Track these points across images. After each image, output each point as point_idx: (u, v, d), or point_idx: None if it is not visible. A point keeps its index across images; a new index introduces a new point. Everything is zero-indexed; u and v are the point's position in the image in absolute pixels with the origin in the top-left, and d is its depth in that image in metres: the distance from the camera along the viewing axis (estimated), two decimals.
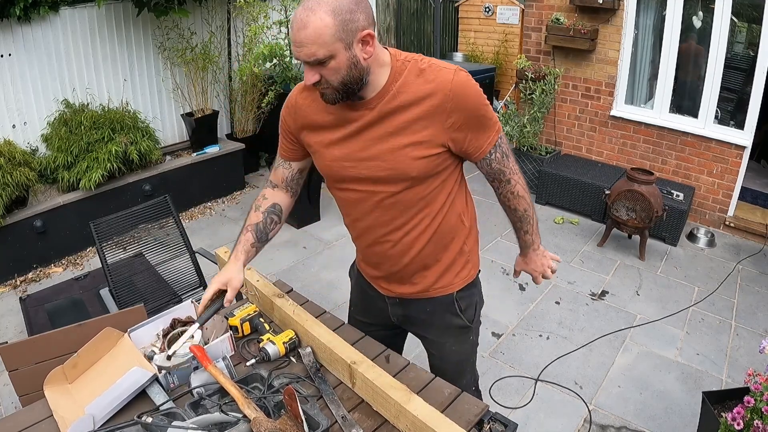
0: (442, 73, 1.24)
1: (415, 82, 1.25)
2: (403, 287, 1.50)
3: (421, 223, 1.38)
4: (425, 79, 1.24)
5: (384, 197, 1.34)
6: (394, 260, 1.45)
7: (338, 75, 1.18)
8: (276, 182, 1.59)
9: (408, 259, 1.43)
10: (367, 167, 1.31)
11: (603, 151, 4.72)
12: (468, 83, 1.26)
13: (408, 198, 1.34)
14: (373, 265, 1.53)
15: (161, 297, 2.55)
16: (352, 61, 1.17)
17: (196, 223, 4.39)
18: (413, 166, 1.28)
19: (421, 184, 1.32)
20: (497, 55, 6.65)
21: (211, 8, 4.66)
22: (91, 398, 1.25)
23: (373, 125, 1.28)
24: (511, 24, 6.55)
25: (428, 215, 1.37)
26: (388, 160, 1.28)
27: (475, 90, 1.27)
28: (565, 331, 3.04)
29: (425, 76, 1.25)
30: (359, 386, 1.31)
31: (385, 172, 1.30)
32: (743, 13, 4.04)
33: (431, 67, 1.25)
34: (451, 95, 1.23)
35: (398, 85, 1.25)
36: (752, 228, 4.04)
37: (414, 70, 1.25)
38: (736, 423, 1.74)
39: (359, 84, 1.22)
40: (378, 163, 1.30)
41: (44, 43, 3.84)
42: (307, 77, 1.21)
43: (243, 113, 5.04)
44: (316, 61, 1.16)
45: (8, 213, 3.44)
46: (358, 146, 1.30)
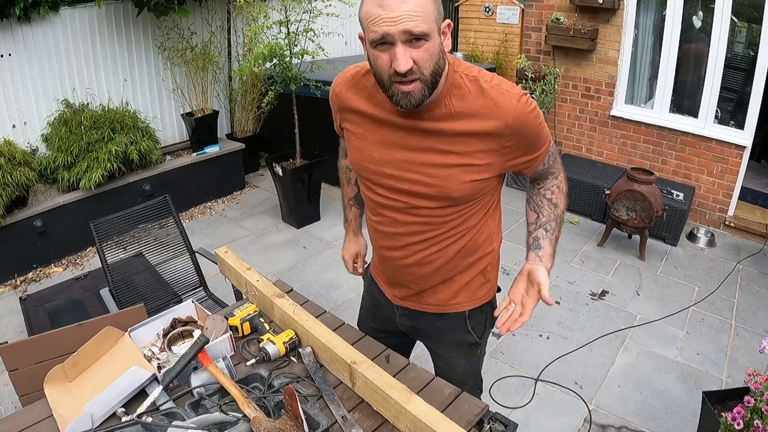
0: (505, 98, 1.16)
1: (475, 101, 1.16)
2: (414, 300, 1.46)
3: (449, 239, 1.32)
4: (486, 100, 1.16)
5: (418, 210, 1.28)
6: (411, 270, 1.39)
7: (431, 61, 1.08)
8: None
9: (426, 272, 1.38)
10: (409, 180, 1.24)
11: (603, 151, 4.72)
12: (530, 113, 1.19)
13: (443, 214, 1.28)
14: (388, 271, 1.48)
15: (161, 297, 2.55)
16: (440, 49, 1.09)
17: (196, 223, 4.39)
18: (458, 189, 1.22)
19: (461, 205, 1.27)
20: (497, 55, 6.64)
21: (211, 8, 4.66)
22: (90, 397, 1.25)
23: (422, 137, 1.20)
24: (511, 24, 6.55)
25: (459, 232, 1.32)
26: (433, 177, 1.21)
27: (535, 116, 1.21)
28: (565, 331, 3.04)
29: (486, 96, 1.16)
30: (359, 386, 1.31)
31: (428, 189, 1.23)
32: (743, 13, 4.04)
33: (494, 89, 1.17)
34: (511, 124, 1.17)
35: (454, 99, 1.17)
36: (752, 228, 4.04)
37: (474, 87, 1.17)
38: (736, 423, 1.74)
39: (439, 79, 1.12)
40: (421, 178, 1.22)
41: (44, 43, 3.84)
42: (401, 59, 1.05)
43: (243, 113, 5.04)
44: (414, 37, 1.04)
45: (8, 213, 3.44)
46: (402, 156, 1.23)
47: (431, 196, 1.24)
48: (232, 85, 5.03)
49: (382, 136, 1.25)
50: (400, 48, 1.05)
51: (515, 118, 1.16)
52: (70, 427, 1.18)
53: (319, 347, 1.42)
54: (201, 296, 2.64)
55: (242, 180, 4.98)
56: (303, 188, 4.15)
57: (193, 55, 4.52)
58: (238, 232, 4.22)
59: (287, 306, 1.55)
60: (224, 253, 1.82)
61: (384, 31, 1.04)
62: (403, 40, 1.04)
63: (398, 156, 1.24)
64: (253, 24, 4.35)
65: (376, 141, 1.26)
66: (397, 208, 1.31)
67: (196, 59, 4.53)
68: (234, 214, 4.52)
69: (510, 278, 3.53)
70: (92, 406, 1.22)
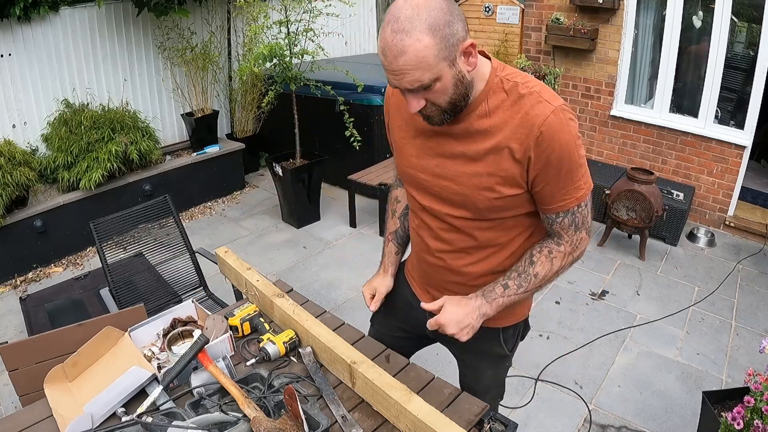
0: (540, 107, 1.09)
1: (510, 108, 1.11)
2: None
3: (481, 252, 1.29)
4: (520, 108, 1.10)
5: (448, 218, 1.27)
6: (442, 277, 1.38)
7: (445, 96, 1.07)
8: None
9: (457, 281, 1.35)
10: (440, 185, 1.23)
11: (603, 151, 4.71)
12: (562, 127, 1.09)
13: (473, 226, 1.25)
14: (422, 273, 1.46)
15: (161, 297, 2.55)
16: (457, 78, 1.05)
17: (196, 222, 4.39)
18: (482, 200, 1.18)
19: (491, 218, 1.23)
20: (497, 55, 6.64)
21: (211, 8, 4.66)
22: (90, 397, 1.25)
23: (454, 141, 1.18)
24: (511, 24, 6.54)
25: (492, 247, 1.28)
26: (461, 184, 1.19)
27: (568, 137, 1.11)
28: (565, 331, 3.04)
29: (522, 104, 1.10)
30: (359, 386, 1.31)
31: (456, 196, 1.21)
32: (743, 13, 4.04)
33: (531, 96, 1.10)
34: (537, 133, 1.09)
35: (491, 105, 1.13)
36: (752, 228, 4.04)
37: (513, 94, 1.12)
38: (736, 423, 1.74)
39: (465, 100, 1.11)
40: (450, 184, 1.21)
41: (44, 43, 3.84)
42: (412, 105, 1.08)
43: (243, 113, 5.04)
44: (421, 88, 1.04)
45: (8, 213, 3.44)
46: (435, 162, 1.22)
47: (458, 204, 1.23)
48: (232, 85, 5.04)
49: (420, 142, 1.25)
50: (407, 93, 1.07)
51: (545, 126, 1.08)
52: (70, 427, 1.18)
53: (319, 347, 1.42)
54: (201, 296, 2.64)
55: (242, 180, 4.98)
56: (303, 188, 4.15)
57: (193, 55, 4.52)
58: (238, 232, 4.22)
59: (287, 306, 1.55)
60: (224, 253, 1.82)
61: (390, 82, 1.07)
62: (409, 89, 1.06)
63: (432, 162, 1.23)
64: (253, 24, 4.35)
65: (415, 146, 1.27)
66: (431, 214, 1.31)
67: (196, 59, 4.53)
68: (234, 214, 4.52)
69: None
70: (92, 406, 1.22)
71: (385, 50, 1.01)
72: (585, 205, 1.20)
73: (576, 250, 1.25)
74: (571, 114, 1.13)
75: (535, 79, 1.15)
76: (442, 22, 0.98)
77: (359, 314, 2.33)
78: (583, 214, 1.21)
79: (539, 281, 1.25)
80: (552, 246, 1.24)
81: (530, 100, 1.10)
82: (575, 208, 1.19)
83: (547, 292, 3.39)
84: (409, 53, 0.99)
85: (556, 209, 1.19)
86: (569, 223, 1.21)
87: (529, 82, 1.13)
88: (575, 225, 1.21)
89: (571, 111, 1.14)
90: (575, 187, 1.17)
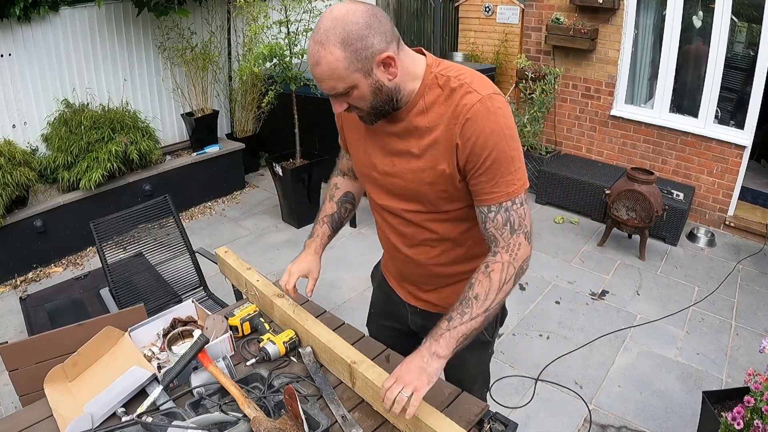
0: (468, 97, 1.12)
1: (444, 102, 1.15)
2: (424, 300, 1.47)
3: (445, 244, 1.32)
4: (452, 101, 1.14)
5: (405, 212, 1.30)
6: (411, 269, 1.42)
7: (365, 102, 1.13)
8: (344, 170, 1.58)
9: (425, 273, 1.40)
10: (391, 183, 1.28)
11: (603, 151, 4.72)
12: (488, 114, 1.11)
13: (430, 219, 1.28)
14: (395, 271, 1.52)
15: (161, 297, 2.55)
16: (375, 87, 1.11)
17: (196, 222, 4.39)
18: (429, 192, 1.22)
19: (446, 210, 1.26)
20: (497, 55, 6.64)
21: (211, 8, 4.66)
22: (90, 397, 1.25)
23: (398, 139, 1.23)
24: (511, 24, 6.54)
25: (454, 239, 1.31)
26: (408, 180, 1.24)
27: (494, 125, 1.12)
28: (565, 331, 3.04)
29: (453, 96, 1.14)
30: (359, 386, 1.31)
31: (407, 191, 1.26)
32: (743, 13, 4.04)
33: (462, 87, 1.14)
34: (463, 120, 1.12)
35: (427, 101, 1.17)
36: (752, 228, 4.04)
37: (446, 88, 1.15)
38: (736, 423, 1.74)
39: (390, 105, 1.16)
40: (399, 181, 1.26)
41: (44, 43, 3.84)
42: (335, 107, 1.16)
43: (243, 113, 5.04)
44: (338, 94, 1.12)
45: (8, 213, 3.44)
46: (384, 160, 1.27)
47: (410, 198, 1.27)
48: (232, 85, 5.04)
49: (370, 141, 1.29)
50: (331, 98, 1.14)
51: (469, 116, 1.11)
52: (70, 427, 1.18)
53: (319, 347, 1.42)
54: (201, 296, 2.64)
55: (242, 180, 4.98)
56: (303, 188, 4.15)
57: (193, 55, 4.52)
58: (238, 232, 4.22)
59: (287, 306, 1.55)
60: (224, 253, 1.82)
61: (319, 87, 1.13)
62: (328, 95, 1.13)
63: (382, 160, 1.27)
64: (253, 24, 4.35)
65: (366, 146, 1.31)
66: (388, 211, 1.35)
67: (196, 59, 4.53)
68: (234, 214, 4.52)
69: None
70: (92, 406, 1.22)
71: (309, 58, 1.09)
72: (520, 204, 1.17)
73: (515, 258, 1.17)
74: (501, 103, 1.14)
75: (468, 70, 1.18)
76: (356, 36, 1.04)
77: (359, 314, 2.33)
78: (519, 214, 1.17)
79: (483, 302, 1.15)
80: (489, 259, 1.19)
81: (460, 91, 1.14)
82: (508, 204, 1.16)
83: (547, 292, 3.39)
84: (322, 64, 1.06)
85: (486, 200, 1.17)
86: (503, 222, 1.17)
87: (462, 74, 1.16)
88: (510, 225, 1.17)
89: (501, 100, 1.15)
90: (506, 180, 1.15)
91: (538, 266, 3.68)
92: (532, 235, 1.20)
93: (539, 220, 4.32)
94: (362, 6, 1.07)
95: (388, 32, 1.08)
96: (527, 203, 1.19)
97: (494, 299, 1.16)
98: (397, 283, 1.53)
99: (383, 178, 1.29)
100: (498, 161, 1.13)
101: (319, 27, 1.06)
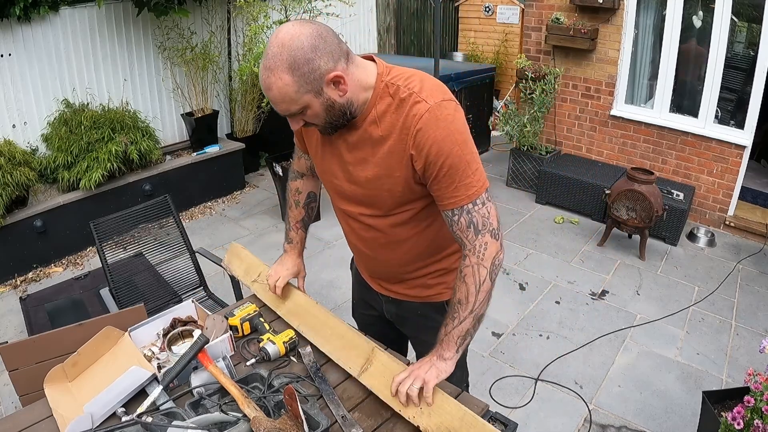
0: (417, 107, 1.14)
1: (395, 112, 1.17)
2: (393, 291, 1.52)
3: (407, 244, 1.36)
4: (402, 110, 1.16)
5: (365, 217, 1.35)
6: (380, 269, 1.50)
7: (319, 118, 1.17)
8: (302, 171, 1.63)
9: (393, 272, 1.46)
10: (350, 190, 1.32)
11: (603, 151, 4.72)
12: (438, 123, 1.13)
13: (389, 222, 1.32)
14: (363, 268, 1.59)
15: (161, 297, 2.55)
16: (327, 104, 1.14)
17: (196, 222, 4.39)
18: (386, 197, 1.26)
19: (405, 209, 1.29)
20: (497, 55, 6.65)
21: (211, 8, 4.66)
22: (90, 397, 1.25)
23: (355, 149, 1.25)
24: (511, 23, 6.55)
25: (415, 238, 1.35)
26: (366, 187, 1.27)
27: (444, 133, 1.13)
28: (565, 331, 3.04)
29: (403, 107, 1.16)
30: (372, 371, 1.32)
31: (365, 197, 1.30)
32: (743, 13, 4.04)
33: (411, 96, 1.16)
34: (414, 132, 1.14)
35: (379, 111, 1.19)
36: (752, 228, 4.04)
37: (396, 98, 1.17)
38: (736, 423, 1.74)
39: (344, 118, 1.19)
40: (357, 188, 1.30)
41: (44, 43, 3.84)
42: (292, 125, 1.21)
43: (243, 113, 5.04)
44: (292, 114, 1.16)
45: (8, 213, 3.44)
46: (343, 168, 1.30)
47: (368, 204, 1.31)
48: (232, 85, 5.04)
49: (329, 149, 1.32)
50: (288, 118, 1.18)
51: (420, 126, 1.13)
52: (70, 427, 1.18)
53: (335, 335, 1.45)
54: (201, 296, 2.64)
55: (242, 180, 4.98)
56: None
57: (193, 55, 4.52)
58: (238, 231, 4.22)
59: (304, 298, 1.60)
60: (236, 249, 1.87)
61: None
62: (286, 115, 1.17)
63: (342, 168, 1.31)
64: (253, 24, 4.36)
65: (326, 154, 1.33)
66: (350, 216, 1.39)
67: (196, 59, 4.53)
68: (234, 214, 4.52)
69: (509, 278, 3.56)
70: (92, 406, 1.22)
71: (261, 83, 1.12)
72: (482, 204, 1.19)
73: (483, 258, 1.19)
74: (450, 110, 1.15)
75: (417, 76, 1.19)
76: (302, 60, 1.06)
77: None
78: (482, 214, 1.19)
79: (466, 306, 1.21)
80: (461, 264, 1.23)
81: (410, 101, 1.16)
82: (470, 206, 1.19)
83: (547, 292, 3.39)
84: (273, 89, 1.09)
85: (449, 205, 1.20)
86: (467, 224, 1.19)
87: (411, 83, 1.17)
88: (474, 226, 1.19)
89: (451, 106, 1.16)
90: (465, 184, 1.17)
91: (539, 266, 3.69)
92: (499, 230, 1.23)
93: (539, 220, 4.33)
94: (307, 28, 1.08)
95: (335, 51, 1.10)
96: (490, 201, 1.21)
97: (475, 300, 1.21)
98: (368, 277, 1.59)
99: (342, 185, 1.33)
100: (454, 167, 1.15)
101: (267, 52, 1.08)
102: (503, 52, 6.62)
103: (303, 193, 1.64)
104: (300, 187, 1.64)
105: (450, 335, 1.23)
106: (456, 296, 1.23)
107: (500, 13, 6.59)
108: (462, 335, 1.23)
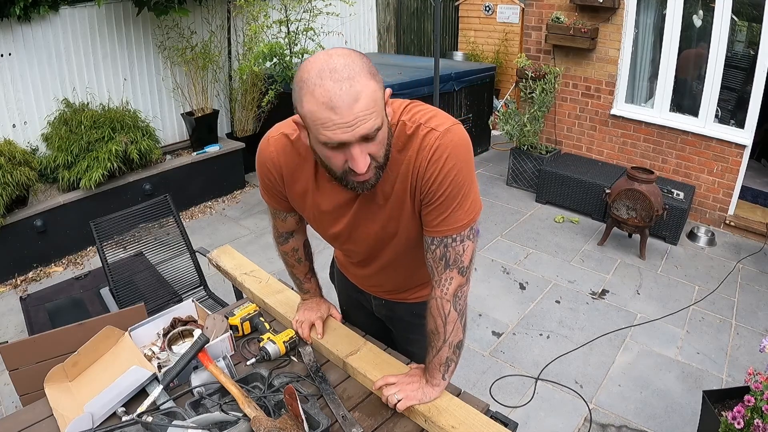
0: (427, 139, 1.06)
1: (398, 157, 1.09)
2: (384, 292, 1.51)
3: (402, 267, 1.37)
4: (408, 150, 1.08)
5: (368, 252, 1.34)
6: (373, 283, 1.49)
7: (383, 146, 1.02)
8: (291, 230, 1.46)
9: (393, 286, 1.46)
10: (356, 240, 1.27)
11: (603, 150, 4.71)
12: (448, 151, 1.05)
13: (392, 251, 1.30)
14: (358, 282, 1.55)
15: (162, 296, 2.55)
16: (388, 126, 1.02)
17: (196, 222, 4.39)
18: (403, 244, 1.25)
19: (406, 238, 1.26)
20: (497, 54, 6.65)
21: (211, 7, 4.66)
22: (91, 396, 1.25)
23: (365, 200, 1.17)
24: (511, 23, 6.55)
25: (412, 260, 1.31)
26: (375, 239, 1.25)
27: (455, 162, 1.06)
28: (565, 330, 3.04)
29: (411, 145, 1.08)
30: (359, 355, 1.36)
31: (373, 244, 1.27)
32: (743, 12, 4.03)
33: (419, 130, 1.07)
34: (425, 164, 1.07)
35: (393, 153, 1.09)
36: (752, 227, 4.04)
37: (402, 137, 1.08)
38: (736, 422, 1.74)
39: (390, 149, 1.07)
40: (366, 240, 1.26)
41: (44, 43, 3.84)
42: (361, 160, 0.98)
43: (243, 112, 5.04)
44: (370, 136, 0.97)
45: (8, 212, 3.44)
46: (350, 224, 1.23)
47: (375, 245, 1.28)
48: (232, 85, 5.03)
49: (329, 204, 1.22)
50: (356, 149, 0.97)
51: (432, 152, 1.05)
52: (71, 427, 1.18)
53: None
54: (201, 296, 2.64)
55: (242, 179, 4.98)
56: None
57: (193, 55, 4.52)
58: (238, 231, 4.23)
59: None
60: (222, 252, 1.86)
61: (340, 139, 0.95)
62: (360, 141, 0.97)
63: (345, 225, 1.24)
64: (253, 23, 4.35)
65: (327, 210, 1.23)
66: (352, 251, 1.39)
67: (196, 58, 4.52)
68: (234, 214, 4.52)
69: (510, 278, 3.56)
70: (92, 405, 1.22)
71: (334, 102, 0.91)
72: (461, 241, 1.13)
73: (446, 293, 1.16)
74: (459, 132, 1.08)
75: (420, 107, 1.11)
76: (373, 68, 0.96)
77: None
78: (457, 251, 1.13)
79: (439, 335, 1.21)
80: (429, 296, 1.21)
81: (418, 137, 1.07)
82: (448, 240, 1.13)
83: (547, 292, 3.39)
84: (363, 98, 0.92)
85: (431, 233, 1.14)
86: (440, 256, 1.15)
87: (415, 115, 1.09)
88: (446, 261, 1.14)
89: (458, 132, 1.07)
90: (454, 216, 1.11)
91: (539, 265, 3.69)
92: (469, 268, 1.18)
93: (539, 220, 4.33)
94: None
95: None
96: (470, 239, 1.15)
97: (445, 331, 1.20)
98: (361, 285, 1.56)
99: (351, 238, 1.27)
100: (451, 197, 1.09)
101: (332, 67, 0.92)
102: (503, 51, 6.62)
103: (300, 249, 1.52)
104: (295, 245, 1.51)
105: (432, 364, 1.25)
106: (428, 327, 1.23)
107: (500, 12, 6.59)
108: (443, 363, 1.24)
